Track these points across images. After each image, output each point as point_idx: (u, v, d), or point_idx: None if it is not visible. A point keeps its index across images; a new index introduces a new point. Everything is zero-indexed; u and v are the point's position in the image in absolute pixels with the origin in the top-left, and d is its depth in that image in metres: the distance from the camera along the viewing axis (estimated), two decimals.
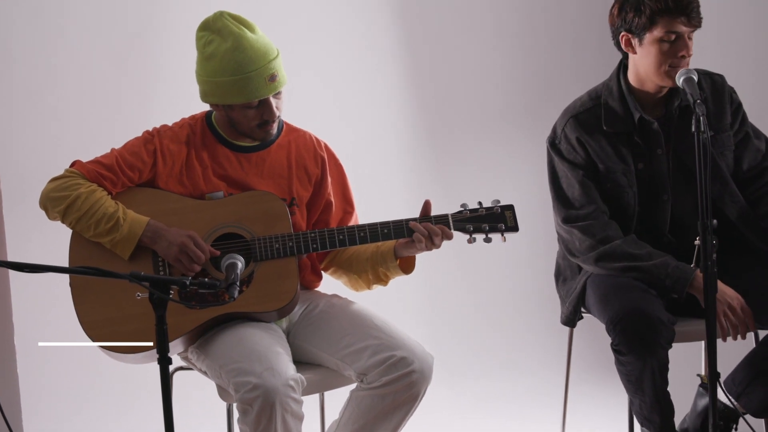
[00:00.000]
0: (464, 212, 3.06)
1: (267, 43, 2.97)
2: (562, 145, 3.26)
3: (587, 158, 3.22)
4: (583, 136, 3.22)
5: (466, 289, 4.82)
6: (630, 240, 3.18)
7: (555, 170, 3.30)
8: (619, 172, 3.21)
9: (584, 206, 3.21)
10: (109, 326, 2.93)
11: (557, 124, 3.30)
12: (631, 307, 3.04)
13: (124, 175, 3.02)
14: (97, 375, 4.06)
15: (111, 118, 4.16)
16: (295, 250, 3.00)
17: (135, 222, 2.96)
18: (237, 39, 2.93)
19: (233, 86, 2.95)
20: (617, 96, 3.23)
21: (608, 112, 3.22)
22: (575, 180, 3.22)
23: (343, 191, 3.22)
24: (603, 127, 3.21)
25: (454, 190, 4.72)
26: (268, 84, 2.94)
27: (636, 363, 3.05)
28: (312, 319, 3.09)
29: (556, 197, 3.28)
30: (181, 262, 2.94)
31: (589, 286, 3.25)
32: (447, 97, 4.79)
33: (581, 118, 3.24)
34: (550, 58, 4.86)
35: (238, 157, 3.08)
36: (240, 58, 2.92)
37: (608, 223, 3.20)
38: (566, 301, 3.34)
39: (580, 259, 3.25)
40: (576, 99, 3.33)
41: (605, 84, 3.29)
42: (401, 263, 3.09)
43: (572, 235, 3.23)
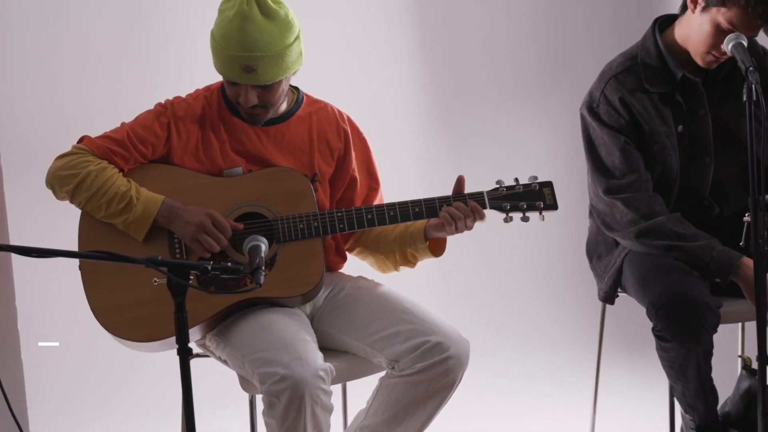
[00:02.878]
0: (500, 189, 2.89)
1: (266, 37, 2.73)
2: (601, 109, 3.09)
3: (631, 120, 3.07)
4: (626, 96, 3.06)
5: (487, 267, 4.72)
6: (675, 217, 3.03)
7: (591, 138, 3.13)
8: (662, 135, 3.07)
9: (626, 175, 3.05)
10: (123, 313, 2.77)
11: (593, 88, 3.14)
12: (675, 291, 2.89)
13: (136, 150, 2.84)
14: (107, 362, 3.93)
15: (114, 88, 4.02)
16: (320, 230, 2.84)
17: (149, 201, 2.78)
18: (239, 15, 2.74)
19: (215, 51, 2.79)
20: (655, 55, 3.08)
21: (647, 71, 3.08)
22: (615, 147, 3.06)
23: (368, 166, 3.06)
24: (645, 86, 3.07)
25: (467, 162, 4.65)
26: (241, 72, 2.75)
27: (680, 350, 2.90)
28: (337, 303, 2.94)
29: (595, 167, 3.12)
30: (199, 243, 2.77)
31: (627, 265, 3.10)
32: (459, 68, 4.69)
33: (621, 79, 3.09)
34: (563, 27, 4.76)
35: (256, 131, 2.91)
36: (228, 33, 2.74)
37: (653, 197, 3.05)
38: (603, 277, 3.20)
39: (619, 233, 3.09)
40: (609, 62, 3.17)
41: (639, 45, 3.14)
42: (431, 245, 2.93)
43: (613, 207, 3.07)
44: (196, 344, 2.94)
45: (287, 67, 2.79)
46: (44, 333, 3.85)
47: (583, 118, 3.14)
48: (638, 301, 3.06)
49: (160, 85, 4.00)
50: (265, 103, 2.83)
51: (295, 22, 2.80)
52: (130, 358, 3.24)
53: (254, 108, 2.83)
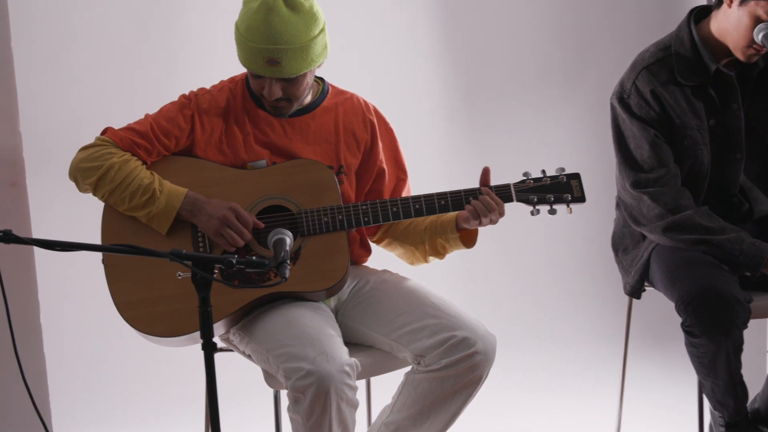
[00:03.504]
0: (527, 181, 2.85)
1: (291, 29, 2.68)
2: (632, 100, 3.03)
3: (662, 113, 3.01)
4: (657, 88, 3.01)
5: (510, 261, 4.67)
6: (703, 211, 2.98)
7: (621, 129, 3.07)
8: (694, 128, 3.01)
9: (655, 169, 3.00)
10: (146, 307, 2.74)
11: (624, 78, 3.08)
12: (704, 285, 2.84)
13: (160, 143, 2.81)
14: (129, 356, 3.90)
15: (135, 80, 3.98)
16: (345, 223, 2.80)
17: (172, 194, 2.75)
18: (263, 6, 2.69)
19: (239, 44, 2.75)
20: (689, 46, 3.02)
21: (681, 62, 3.02)
22: (645, 140, 3.01)
23: (395, 157, 3.02)
24: (677, 79, 3.00)
25: (489, 154, 4.60)
26: (265, 64, 2.71)
27: (710, 345, 2.85)
28: (362, 297, 2.90)
29: (623, 160, 3.07)
30: (223, 237, 2.74)
31: (655, 259, 3.05)
32: (481, 60, 4.64)
33: (653, 70, 3.03)
34: (586, 18, 4.70)
35: (281, 122, 2.87)
36: (252, 25, 2.70)
37: (681, 191, 3.00)
38: (630, 271, 3.15)
39: (646, 228, 3.04)
40: (642, 52, 3.11)
41: (674, 35, 3.07)
42: (462, 235, 2.87)
43: (640, 201, 3.02)
44: (220, 338, 2.91)
45: (312, 60, 2.75)
46: (67, 327, 3.82)
47: (613, 108, 3.09)
48: (666, 296, 3.01)
49: (180, 76, 3.96)
50: (289, 96, 2.79)
51: (320, 14, 2.75)
52: (153, 352, 3.21)
53: (278, 101, 2.79)
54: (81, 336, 3.92)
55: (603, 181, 3.89)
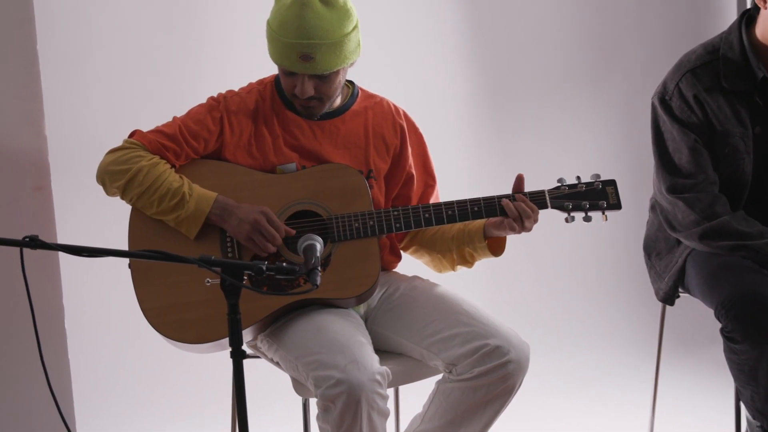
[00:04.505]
0: (562, 188, 2.79)
1: (325, 25, 2.64)
2: (674, 102, 2.96)
3: (704, 119, 2.93)
4: (701, 93, 2.93)
5: (536, 266, 4.63)
6: (739, 216, 2.91)
7: (660, 131, 3.00)
8: (737, 136, 2.94)
9: (692, 175, 2.93)
10: (174, 313, 2.70)
11: (668, 79, 3.00)
12: (746, 290, 2.77)
13: (188, 145, 2.76)
14: (155, 362, 3.87)
15: (160, 82, 3.96)
16: (376, 229, 2.75)
17: (202, 198, 2.70)
18: (297, 2, 2.65)
19: (271, 40, 2.70)
20: (738, 51, 2.93)
21: (728, 67, 2.93)
22: (685, 145, 2.94)
23: (424, 163, 2.97)
24: (722, 84, 2.93)
25: (515, 156, 4.58)
26: (299, 60, 2.66)
27: (751, 352, 2.78)
28: (393, 304, 2.85)
29: (661, 162, 3.00)
30: (254, 242, 2.69)
31: (691, 265, 2.98)
32: (506, 61, 4.61)
33: (699, 73, 2.95)
34: (613, 20, 4.65)
35: (310, 125, 2.83)
36: (286, 20, 2.65)
37: (717, 197, 2.93)
38: (664, 276, 3.08)
39: (682, 234, 2.98)
40: (688, 52, 3.02)
41: (723, 37, 2.99)
42: (490, 244, 2.82)
43: (675, 206, 2.96)
44: (248, 345, 2.87)
45: (345, 57, 2.71)
46: (92, 332, 3.79)
47: (654, 108, 3.02)
48: (704, 302, 2.94)
49: (206, 78, 3.94)
50: (321, 95, 2.74)
51: (353, 11, 2.71)
52: (178, 358, 3.18)
53: (310, 100, 2.74)
54: (106, 341, 3.89)
55: (630, 185, 3.84)
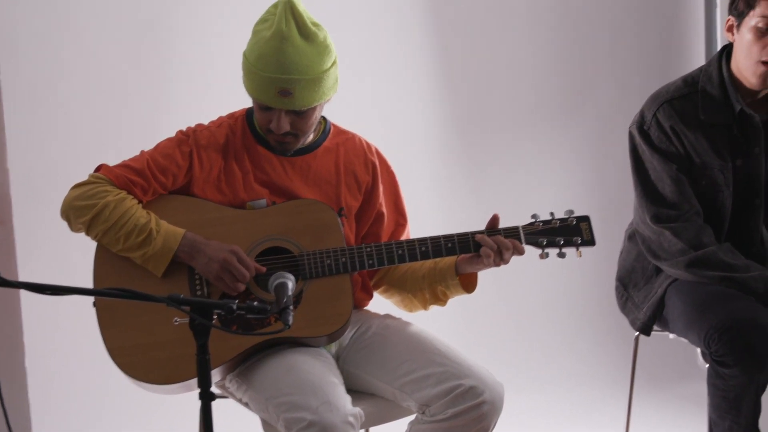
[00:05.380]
0: (536, 224, 2.77)
1: (305, 60, 2.61)
2: (652, 131, 2.96)
3: (682, 150, 2.93)
4: (678, 125, 2.93)
5: (506, 303, 4.57)
6: (726, 248, 2.91)
7: (641, 159, 3.00)
8: (716, 169, 2.94)
9: (677, 205, 2.93)
10: (140, 353, 2.63)
11: (645, 109, 3.00)
12: (741, 315, 2.76)
13: (156, 180, 2.71)
14: (119, 402, 3.78)
15: (127, 115, 3.91)
16: (348, 266, 2.70)
17: (170, 234, 2.64)
18: (276, 35, 2.61)
19: (248, 73, 2.67)
20: (717, 83, 2.94)
21: (706, 100, 2.94)
22: (666, 175, 2.94)
23: (396, 201, 2.93)
24: (700, 117, 2.93)
25: (486, 189, 4.55)
26: (277, 95, 2.63)
27: (740, 378, 2.76)
28: (364, 343, 2.80)
29: (643, 191, 2.99)
30: (224, 281, 2.63)
31: (674, 294, 2.97)
32: (479, 94, 4.61)
33: (676, 105, 2.95)
34: (585, 53, 4.66)
35: (281, 161, 2.79)
36: (265, 53, 2.62)
37: (703, 228, 2.93)
38: (642, 306, 3.07)
39: (667, 262, 2.96)
40: (667, 84, 3.03)
41: (703, 69, 3.00)
42: (462, 280, 2.79)
43: (661, 236, 2.94)
44: (215, 385, 2.80)
45: (323, 93, 2.67)
46: (54, 371, 3.70)
47: (632, 137, 3.02)
48: (685, 332, 2.92)
49: (175, 111, 3.88)
50: (296, 131, 2.70)
51: (333, 47, 2.68)
52: (146, 398, 3.09)
53: (285, 135, 2.70)
54: (69, 380, 3.80)
55: (600, 218, 3.82)
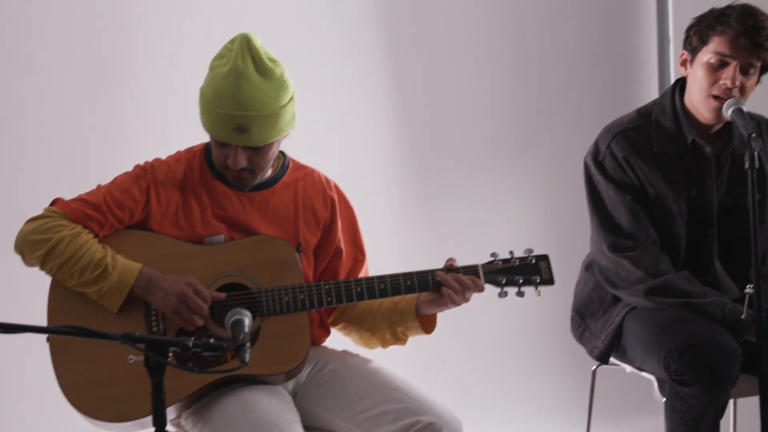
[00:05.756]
0: (495, 262, 2.78)
1: (261, 96, 2.61)
2: (607, 162, 3.00)
3: (636, 180, 2.97)
4: (631, 155, 2.97)
5: (463, 337, 4.55)
6: (683, 275, 2.95)
7: (596, 190, 3.03)
8: (669, 199, 2.98)
9: (633, 235, 2.96)
10: (94, 390, 2.60)
11: (599, 140, 3.04)
12: (702, 335, 2.79)
13: (113, 215, 2.68)
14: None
15: (83, 149, 3.87)
16: (306, 303, 2.69)
17: (126, 269, 2.62)
18: (232, 71, 2.61)
19: (205, 110, 2.67)
20: (670, 114, 2.99)
21: (660, 131, 2.99)
22: (622, 205, 2.97)
23: (354, 236, 2.93)
24: (653, 148, 2.98)
25: (444, 224, 4.55)
26: (233, 131, 2.62)
27: (700, 397, 2.77)
28: (322, 380, 2.78)
29: (600, 221, 3.02)
30: (181, 315, 2.62)
31: (632, 321, 3.00)
32: (436, 128, 4.62)
33: (630, 136, 2.99)
34: (541, 88, 4.71)
35: (239, 197, 2.77)
36: (221, 90, 2.62)
37: (660, 256, 2.96)
38: (600, 335, 3.09)
39: (625, 291, 2.99)
40: (621, 116, 3.08)
41: (657, 101, 3.06)
42: (422, 321, 2.80)
43: (619, 265, 2.97)
44: (170, 423, 2.76)
45: (281, 129, 2.67)
46: (5, 408, 3.63)
47: (587, 167, 3.05)
48: (645, 356, 2.93)
49: (132, 145, 3.85)
50: (254, 166, 2.69)
51: (290, 82, 2.68)
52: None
53: (242, 171, 2.69)
54: (21, 418, 3.73)
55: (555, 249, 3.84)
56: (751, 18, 2.86)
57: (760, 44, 2.84)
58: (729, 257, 3.03)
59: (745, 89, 2.89)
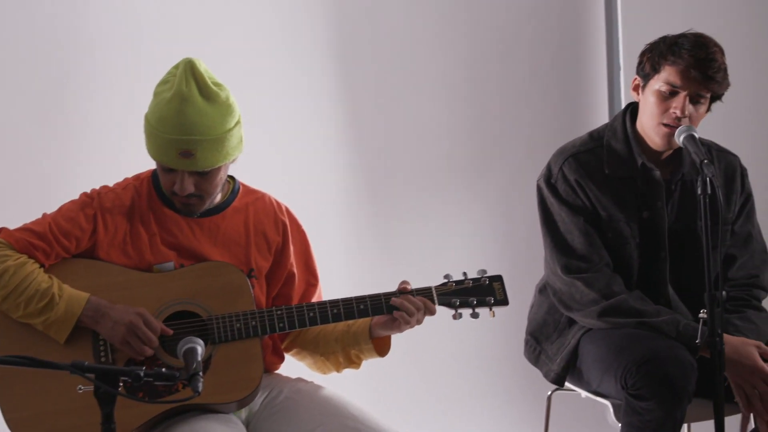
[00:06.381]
0: (449, 284, 2.78)
1: (206, 120, 2.59)
2: (559, 185, 3.01)
3: (588, 203, 2.99)
4: (582, 178, 2.99)
5: (419, 362, 4.53)
6: (636, 295, 2.95)
7: (550, 212, 3.04)
8: (621, 221, 2.99)
9: (586, 257, 2.97)
10: (41, 423, 2.55)
11: (552, 162, 3.06)
12: (659, 350, 2.80)
13: (59, 244, 2.64)
14: None
15: (28, 175, 3.77)
16: (258, 329, 2.66)
17: (73, 299, 2.58)
18: (177, 96, 2.59)
19: (150, 135, 2.64)
20: (621, 138, 3.02)
21: (611, 154, 3.01)
22: (575, 227, 2.98)
23: (307, 261, 2.91)
24: (605, 171, 3.00)
25: (397, 246, 4.50)
26: (178, 156, 2.60)
27: (657, 411, 2.77)
28: (276, 408, 2.74)
29: (553, 243, 3.02)
30: (130, 345, 2.57)
31: (587, 342, 3.00)
32: (389, 150, 4.58)
33: (582, 159, 3.01)
34: (494, 112, 4.71)
35: (189, 223, 2.74)
36: (165, 115, 2.59)
37: (613, 277, 2.97)
38: (555, 358, 3.08)
39: (580, 312, 2.99)
40: (574, 139, 3.10)
41: (609, 125, 3.08)
42: (375, 344, 2.78)
43: (572, 287, 2.97)
44: None
45: (227, 153, 2.64)
46: None
47: (540, 190, 3.06)
48: (601, 375, 2.92)
49: (78, 172, 3.79)
50: (201, 192, 2.66)
51: (236, 106, 2.66)
52: None
53: (190, 197, 2.66)
54: None
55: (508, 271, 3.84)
56: (703, 50, 2.88)
57: (710, 77, 2.87)
58: (681, 282, 3.04)
59: (695, 118, 2.92)
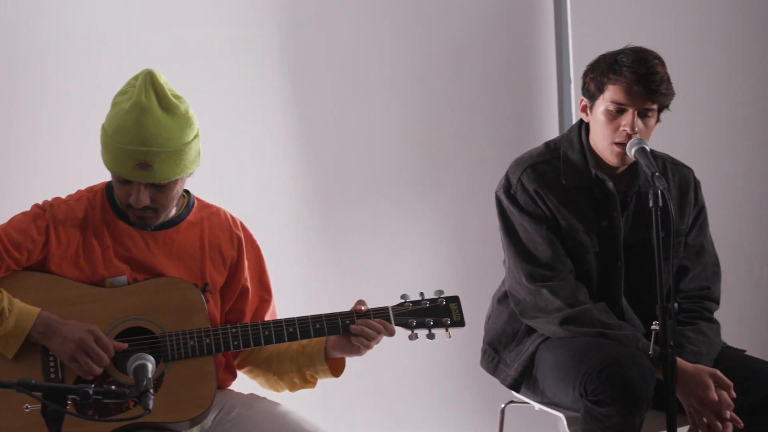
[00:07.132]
0: (406, 304, 2.77)
1: (165, 132, 2.56)
2: (519, 195, 3.02)
3: (548, 212, 3.00)
4: (541, 188, 3.01)
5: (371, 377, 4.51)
6: (600, 307, 2.97)
7: (511, 222, 3.05)
8: (581, 231, 3.01)
9: (550, 265, 2.98)
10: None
11: (510, 173, 3.07)
12: (620, 356, 2.80)
13: (10, 256, 2.59)
14: None
15: None
16: (213, 347, 2.63)
17: (23, 313, 2.53)
18: (135, 106, 2.56)
19: (106, 146, 2.60)
20: (578, 149, 3.04)
21: (568, 165, 3.03)
22: (538, 235, 2.99)
23: (260, 276, 2.88)
24: (562, 181, 3.02)
25: (348, 260, 4.48)
26: (135, 168, 2.56)
27: (617, 417, 2.77)
28: (228, 425, 2.72)
29: (517, 252, 3.02)
30: (78, 363, 2.52)
31: (546, 350, 3.00)
32: (341, 162, 4.57)
33: (539, 169, 3.03)
34: (446, 125, 4.71)
35: (143, 236, 2.70)
36: (123, 125, 2.55)
37: (578, 286, 2.98)
38: (513, 365, 3.09)
39: (541, 320, 2.99)
40: (531, 149, 3.12)
41: (565, 136, 3.11)
42: (330, 364, 2.76)
43: (537, 295, 2.98)
44: None
45: (185, 166, 2.61)
46: None
47: (499, 200, 3.07)
48: (559, 382, 2.93)
49: (29, 183, 3.72)
50: (157, 205, 2.62)
51: (195, 119, 2.63)
52: None
53: (145, 210, 2.62)
54: None
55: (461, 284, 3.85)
56: (643, 65, 2.90)
57: (654, 90, 2.89)
58: (634, 294, 3.06)
59: (646, 131, 2.94)
